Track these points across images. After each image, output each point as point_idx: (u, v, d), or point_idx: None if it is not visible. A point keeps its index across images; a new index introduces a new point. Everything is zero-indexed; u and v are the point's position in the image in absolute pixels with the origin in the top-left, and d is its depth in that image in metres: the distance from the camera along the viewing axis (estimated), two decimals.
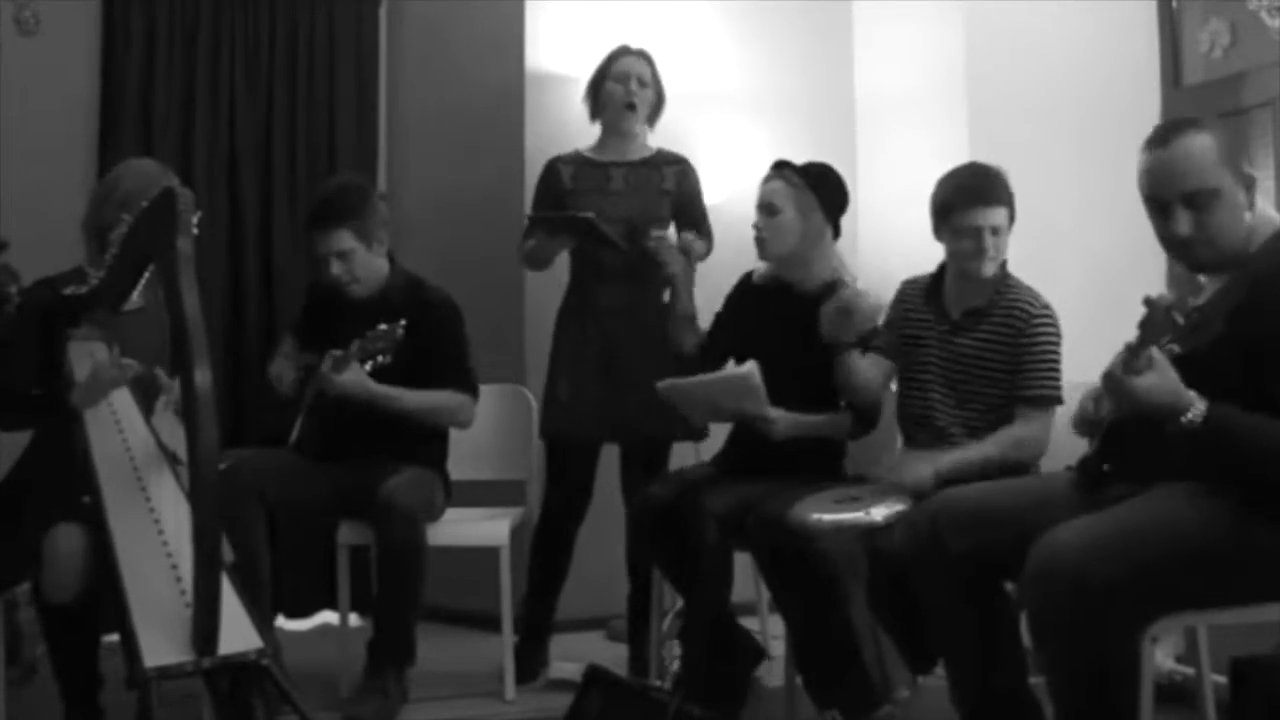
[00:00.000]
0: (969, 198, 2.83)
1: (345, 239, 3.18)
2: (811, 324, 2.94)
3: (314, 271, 3.42)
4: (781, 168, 3.07)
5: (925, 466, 2.69)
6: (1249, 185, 2.14)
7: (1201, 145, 2.12)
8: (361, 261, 3.22)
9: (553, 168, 3.63)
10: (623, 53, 3.61)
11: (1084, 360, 2.56)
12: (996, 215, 2.83)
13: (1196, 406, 1.97)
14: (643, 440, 3.50)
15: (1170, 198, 2.14)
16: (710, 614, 2.96)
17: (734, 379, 2.92)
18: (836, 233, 3.07)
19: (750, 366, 2.88)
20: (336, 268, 3.20)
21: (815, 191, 3.02)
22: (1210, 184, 2.11)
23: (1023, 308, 2.78)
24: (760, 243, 3.06)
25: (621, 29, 4.02)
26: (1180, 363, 2.00)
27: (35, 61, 4.11)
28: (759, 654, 3.07)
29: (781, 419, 2.92)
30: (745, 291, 3.22)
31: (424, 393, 3.20)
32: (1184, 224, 2.13)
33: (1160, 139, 2.16)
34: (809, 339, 2.95)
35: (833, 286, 2.97)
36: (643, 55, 3.60)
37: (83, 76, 4.17)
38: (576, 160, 3.62)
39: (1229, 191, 2.12)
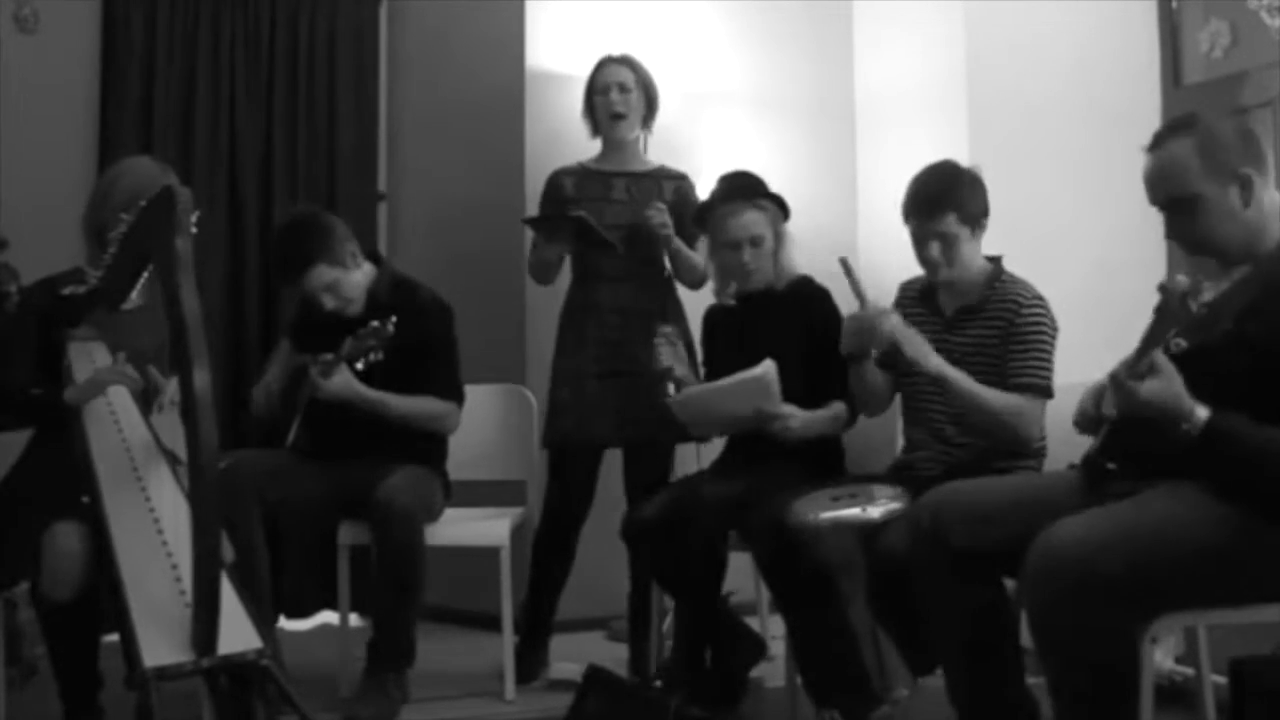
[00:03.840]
0: (912, 208, 2.83)
1: (324, 274, 3.18)
2: (800, 317, 3.04)
3: (303, 305, 3.40)
4: (748, 196, 3.15)
5: (927, 354, 2.71)
6: (1244, 184, 2.13)
7: (1180, 152, 2.14)
8: (346, 284, 3.23)
9: (555, 179, 3.65)
10: (604, 63, 3.62)
11: (1082, 359, 2.56)
12: (945, 224, 2.78)
13: (1198, 414, 1.96)
14: (646, 443, 3.51)
15: (1158, 203, 2.20)
16: (700, 615, 2.98)
17: (749, 381, 2.93)
18: (786, 217, 3.21)
19: (766, 366, 2.90)
20: (329, 301, 3.21)
21: (778, 206, 3.18)
22: (1188, 191, 2.13)
23: (1014, 300, 2.77)
24: (747, 274, 3.13)
25: (621, 29, 4.03)
26: (1187, 357, 2.00)
27: (35, 60, 4.10)
28: (760, 647, 3.07)
29: (796, 416, 2.94)
30: (716, 319, 3.31)
31: (410, 399, 3.20)
32: (1171, 228, 2.19)
33: (1152, 144, 2.20)
34: (801, 333, 3.01)
35: (806, 281, 3.15)
36: (624, 61, 3.61)
37: (83, 75, 4.16)
38: (579, 171, 3.64)
39: (1214, 196, 2.12)
